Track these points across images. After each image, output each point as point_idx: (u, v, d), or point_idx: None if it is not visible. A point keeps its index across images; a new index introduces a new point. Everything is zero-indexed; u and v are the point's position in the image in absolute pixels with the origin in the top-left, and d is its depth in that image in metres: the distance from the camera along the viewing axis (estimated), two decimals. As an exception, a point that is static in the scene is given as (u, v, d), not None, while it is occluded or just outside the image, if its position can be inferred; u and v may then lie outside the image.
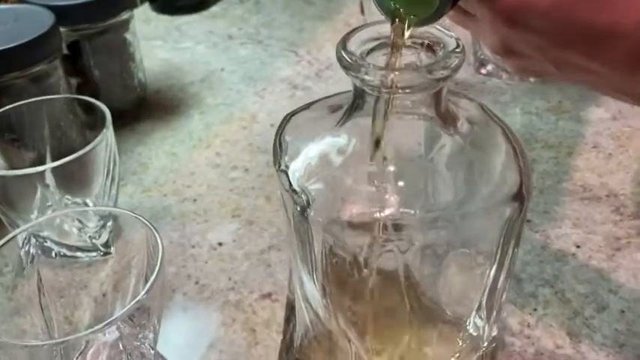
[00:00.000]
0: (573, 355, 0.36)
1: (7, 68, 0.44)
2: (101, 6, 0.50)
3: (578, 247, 0.43)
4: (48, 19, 0.46)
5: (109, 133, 0.40)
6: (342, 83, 0.61)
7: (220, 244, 0.44)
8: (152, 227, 0.33)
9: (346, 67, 0.23)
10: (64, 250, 0.41)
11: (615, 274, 0.41)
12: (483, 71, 0.62)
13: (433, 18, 0.24)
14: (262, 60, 0.67)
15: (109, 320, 0.28)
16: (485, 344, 0.32)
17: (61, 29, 0.48)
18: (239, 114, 0.58)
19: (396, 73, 0.22)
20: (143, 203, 0.48)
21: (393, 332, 0.29)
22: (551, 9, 0.25)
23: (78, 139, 0.46)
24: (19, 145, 0.46)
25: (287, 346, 0.35)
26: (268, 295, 0.40)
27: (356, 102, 0.25)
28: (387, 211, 0.23)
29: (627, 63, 0.25)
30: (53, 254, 0.41)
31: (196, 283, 0.41)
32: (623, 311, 0.38)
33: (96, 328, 0.28)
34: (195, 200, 0.48)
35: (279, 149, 0.27)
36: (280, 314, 0.39)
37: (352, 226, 0.23)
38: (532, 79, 0.60)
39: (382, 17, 0.24)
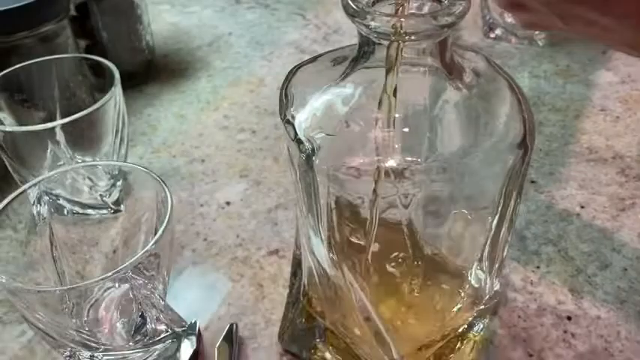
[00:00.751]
0: (575, 310, 0.37)
1: (16, 28, 0.44)
2: (108, -34, 0.50)
3: (582, 207, 0.43)
4: (56, -22, 0.46)
5: (117, 91, 0.40)
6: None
7: (228, 203, 0.45)
8: (161, 180, 0.34)
9: (352, 14, 0.23)
10: (75, 208, 0.42)
11: (619, 233, 0.41)
12: (492, 35, 0.61)
13: None
14: (270, 24, 0.66)
15: (120, 268, 0.29)
16: (487, 297, 0.32)
17: (69, -10, 0.49)
18: (247, 77, 0.58)
19: (402, 19, 0.22)
20: (152, 163, 0.49)
21: (396, 283, 0.30)
22: None
23: (87, 99, 0.47)
24: (29, 105, 0.46)
25: (293, 299, 0.35)
26: (275, 252, 0.41)
27: (361, 52, 0.25)
28: (392, 160, 0.24)
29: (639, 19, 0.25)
30: (65, 212, 0.42)
31: (205, 240, 0.42)
32: (625, 269, 0.39)
33: (106, 275, 0.28)
34: (203, 161, 0.49)
35: (284, 100, 0.27)
36: (287, 270, 0.40)
37: (356, 173, 0.24)
38: (541, 43, 0.60)
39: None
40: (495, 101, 0.26)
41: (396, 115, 0.24)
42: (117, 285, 0.34)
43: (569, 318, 0.36)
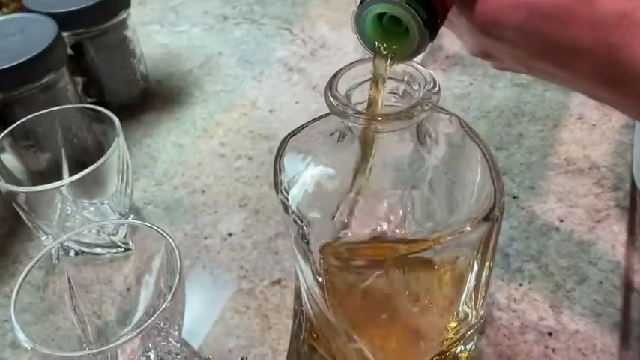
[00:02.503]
0: (555, 325, 0.40)
1: (20, 81, 0.47)
2: (99, 9, 0.52)
3: (561, 221, 0.46)
4: (52, 28, 0.48)
5: (120, 141, 0.43)
6: (334, 64, 0.63)
7: (230, 234, 0.48)
8: (169, 237, 0.36)
9: (332, 111, 0.25)
10: (82, 248, 0.45)
11: (595, 246, 0.44)
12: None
13: (412, 55, 0.26)
14: (258, 40, 0.68)
15: (138, 330, 0.32)
16: (473, 323, 0.35)
17: (64, 34, 0.51)
18: (239, 100, 0.61)
19: (378, 119, 0.25)
20: (157, 197, 0.51)
21: (388, 328, 0.33)
22: (521, 24, 0.27)
23: (89, 139, 0.49)
24: (35, 150, 0.49)
25: (297, 330, 0.38)
26: (278, 282, 0.44)
27: (345, 131, 0.28)
28: (376, 233, 0.27)
29: (594, 76, 0.28)
30: (72, 252, 0.44)
31: (211, 273, 0.45)
32: (601, 282, 0.42)
33: (126, 338, 0.31)
34: (204, 192, 0.52)
35: (278, 174, 0.30)
36: (289, 299, 0.43)
37: (346, 249, 0.27)
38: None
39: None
40: (467, 172, 0.28)
41: (375, 194, 0.27)
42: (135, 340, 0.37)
43: (549, 334, 0.40)
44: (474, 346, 0.38)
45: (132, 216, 0.49)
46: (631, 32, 0.25)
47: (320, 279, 0.29)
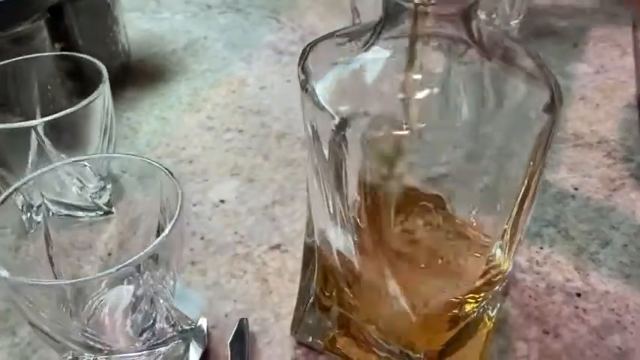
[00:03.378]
0: (583, 287, 0.37)
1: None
2: (84, -35, 0.48)
3: (576, 189, 0.44)
4: (31, -24, 0.45)
5: (105, 87, 0.39)
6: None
7: (222, 201, 0.44)
8: (165, 169, 0.32)
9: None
10: (61, 210, 0.40)
11: (614, 212, 0.42)
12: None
13: None
14: (244, 28, 0.66)
15: (132, 259, 0.27)
16: (499, 278, 0.32)
17: (43, -10, 0.47)
18: (227, 79, 0.57)
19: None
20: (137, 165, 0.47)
21: (420, 252, 0.29)
22: None
23: (66, 95, 0.45)
24: (6, 109, 0.44)
25: (306, 290, 0.34)
26: (277, 247, 0.40)
27: (384, 21, 0.25)
28: (421, 126, 0.23)
29: None
30: (50, 214, 0.40)
31: (202, 238, 0.41)
32: (625, 245, 0.39)
33: (118, 267, 0.27)
34: (191, 161, 0.47)
35: (303, 75, 0.26)
36: (291, 264, 0.39)
37: (387, 140, 0.23)
38: (516, 34, 0.61)
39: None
40: (518, 67, 0.26)
41: (422, 85, 0.24)
42: (124, 286, 0.32)
43: (578, 294, 0.36)
44: (499, 310, 0.35)
45: (110, 183, 0.44)
46: None
47: (352, 208, 0.26)
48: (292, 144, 0.49)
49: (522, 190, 0.27)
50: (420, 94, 0.24)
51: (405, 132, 0.23)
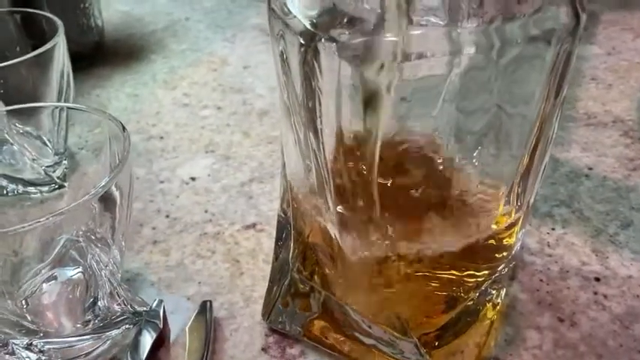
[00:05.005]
0: (602, 271, 0.32)
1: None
2: None
3: (590, 169, 0.39)
4: None
5: (61, 41, 0.35)
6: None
7: (193, 178, 0.39)
8: (113, 118, 0.28)
9: None
10: (17, 187, 0.36)
11: (634, 192, 0.37)
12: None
13: None
14: (230, 10, 0.62)
15: (66, 208, 0.22)
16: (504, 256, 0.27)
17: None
18: (207, 58, 0.53)
19: None
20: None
21: (418, 200, 0.24)
22: None
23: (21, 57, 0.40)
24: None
25: (279, 270, 0.29)
26: (252, 226, 0.35)
27: None
28: (416, 27, 0.19)
29: None
30: (5, 192, 0.35)
31: (167, 216, 0.36)
32: (649, 227, 0.35)
33: (49, 215, 0.22)
34: (162, 138, 0.43)
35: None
36: (267, 244, 0.34)
37: (375, 46, 0.18)
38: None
39: None
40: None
41: None
42: (67, 265, 0.27)
43: (597, 279, 0.31)
44: (505, 295, 0.30)
45: (65, 159, 0.40)
46: None
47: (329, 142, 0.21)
48: (276, 122, 0.44)
49: (534, 134, 0.23)
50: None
51: (393, 38, 0.18)
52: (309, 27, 0.19)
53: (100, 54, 0.53)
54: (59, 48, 0.34)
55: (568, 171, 0.39)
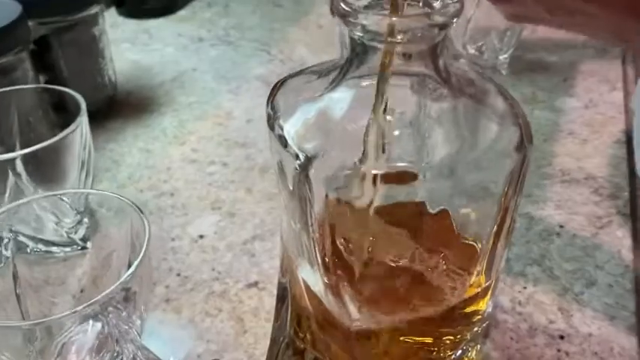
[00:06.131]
0: (566, 329, 0.36)
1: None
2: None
3: (561, 226, 0.43)
4: (15, 9, 0.45)
5: (83, 120, 0.39)
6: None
7: (201, 236, 0.43)
8: (134, 205, 0.32)
9: (343, 14, 0.22)
10: (39, 246, 0.40)
11: (600, 250, 0.41)
12: (456, 65, 0.62)
13: None
14: (234, 60, 0.66)
15: (95, 299, 0.27)
16: (479, 318, 0.31)
17: (29, 22, 0.47)
18: (213, 111, 0.57)
19: (395, 17, 0.21)
20: (118, 199, 0.46)
21: (392, 304, 0.29)
22: None
23: (47, 127, 0.44)
24: (-15, 139, 0.44)
25: (280, 330, 0.33)
26: (254, 284, 0.39)
27: (350, 61, 0.25)
28: (390, 163, 0.23)
29: (624, 5, 0.25)
30: (28, 250, 0.39)
31: (178, 275, 0.40)
32: (611, 285, 0.38)
33: (82, 306, 0.26)
34: (172, 195, 0.47)
35: (271, 112, 0.26)
36: (268, 302, 0.38)
37: (355, 177, 0.23)
38: (504, 72, 0.61)
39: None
40: (487, 104, 0.25)
41: (389, 119, 0.23)
42: (90, 323, 0.31)
43: (561, 337, 0.35)
44: (479, 352, 0.34)
45: (87, 217, 0.44)
46: None
47: (317, 234, 0.25)
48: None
49: (495, 228, 0.27)
50: (388, 134, 0.24)
51: (371, 173, 0.22)
52: (302, 159, 0.23)
53: (113, 107, 0.57)
54: (82, 125, 0.38)
55: (541, 229, 0.43)
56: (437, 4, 0.23)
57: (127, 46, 0.69)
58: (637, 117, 0.43)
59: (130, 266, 0.34)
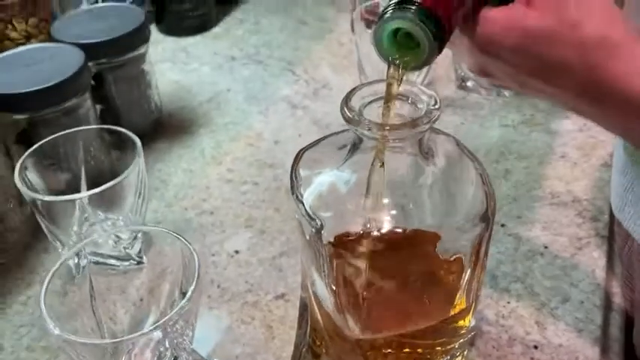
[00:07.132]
0: (540, 339, 0.43)
1: (46, 104, 0.50)
2: (122, 42, 0.56)
3: (546, 247, 0.50)
4: (79, 57, 0.52)
5: (140, 160, 0.46)
6: (335, 103, 0.67)
7: (237, 252, 0.51)
8: (186, 242, 0.40)
9: (348, 120, 0.29)
10: (97, 259, 0.48)
11: (576, 270, 0.48)
12: (464, 87, 0.68)
13: (423, 65, 0.30)
14: (264, 80, 0.73)
15: (160, 322, 0.35)
16: (464, 332, 0.39)
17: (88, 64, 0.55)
18: (245, 132, 0.65)
19: (387, 128, 0.28)
20: (167, 217, 0.55)
21: (390, 324, 0.36)
22: (515, 45, 0.31)
23: (107, 161, 0.53)
24: (56, 169, 0.52)
25: (302, 337, 0.41)
26: (282, 296, 0.47)
27: (356, 143, 0.32)
28: (383, 231, 0.30)
29: (578, 91, 0.32)
30: (91, 262, 0.47)
31: (218, 287, 0.48)
32: (582, 302, 0.45)
33: (151, 328, 0.34)
34: (212, 213, 0.55)
35: (295, 181, 0.33)
36: (293, 312, 0.46)
37: (354, 244, 0.30)
38: (507, 94, 0.67)
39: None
40: (463, 180, 0.32)
41: (384, 200, 0.30)
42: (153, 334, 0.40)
43: (535, 347, 0.43)
44: (465, 358, 0.41)
45: (140, 234, 0.52)
46: (609, 53, 0.29)
47: (329, 280, 0.33)
48: (300, 198, 0.56)
49: (467, 275, 0.34)
50: (383, 211, 0.31)
51: (369, 243, 0.30)
52: (317, 224, 0.30)
53: (158, 129, 0.65)
54: (139, 166, 0.46)
55: (527, 250, 0.50)
56: (422, 105, 0.30)
57: (168, 66, 0.76)
58: (614, 164, 0.49)
59: (182, 285, 0.43)
